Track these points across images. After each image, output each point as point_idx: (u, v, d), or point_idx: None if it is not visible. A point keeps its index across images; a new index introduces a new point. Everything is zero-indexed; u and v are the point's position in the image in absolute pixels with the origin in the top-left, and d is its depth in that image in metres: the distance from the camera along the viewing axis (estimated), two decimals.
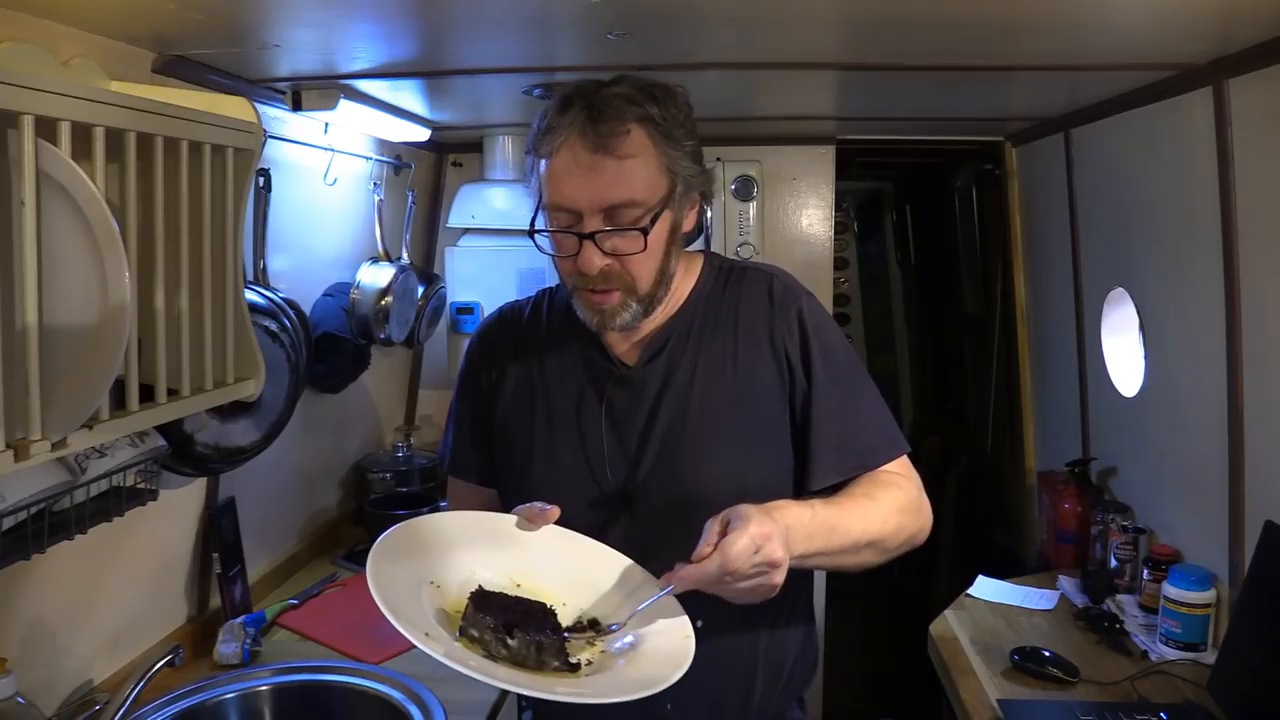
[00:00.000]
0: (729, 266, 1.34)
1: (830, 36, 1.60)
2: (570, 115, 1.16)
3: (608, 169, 1.15)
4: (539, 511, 1.17)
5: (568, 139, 1.15)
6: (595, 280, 1.18)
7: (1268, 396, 1.66)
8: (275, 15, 1.40)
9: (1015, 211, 2.91)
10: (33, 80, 0.99)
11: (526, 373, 1.32)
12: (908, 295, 4.44)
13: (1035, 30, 1.49)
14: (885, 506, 1.19)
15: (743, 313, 1.28)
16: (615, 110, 1.15)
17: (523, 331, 1.36)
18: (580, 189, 1.15)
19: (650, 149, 1.17)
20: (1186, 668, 1.74)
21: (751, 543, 1.01)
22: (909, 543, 1.22)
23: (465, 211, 2.80)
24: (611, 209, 1.15)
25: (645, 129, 1.17)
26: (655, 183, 1.18)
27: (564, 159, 1.16)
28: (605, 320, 1.21)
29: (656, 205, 1.18)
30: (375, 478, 2.63)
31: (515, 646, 1.02)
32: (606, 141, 1.14)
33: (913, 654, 2.06)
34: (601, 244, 1.16)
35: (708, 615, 1.21)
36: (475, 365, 1.38)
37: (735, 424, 1.24)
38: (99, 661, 1.59)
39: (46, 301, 1.03)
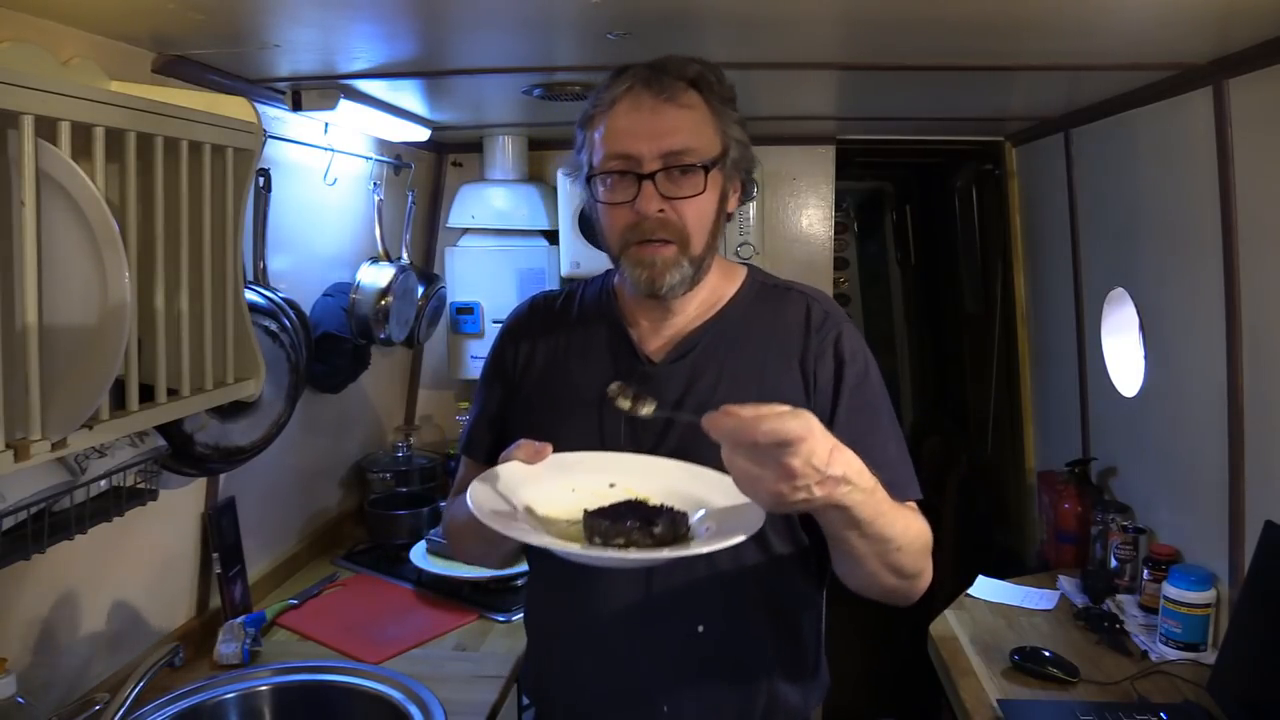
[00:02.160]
0: (771, 283, 1.33)
1: (830, 36, 1.60)
2: (629, 74, 1.19)
3: (669, 113, 1.17)
4: (535, 451, 1.14)
5: (630, 89, 1.18)
6: (650, 228, 1.18)
7: (1268, 396, 1.66)
8: (275, 15, 1.40)
9: (1015, 211, 2.91)
10: (33, 80, 0.99)
11: (552, 362, 1.32)
12: (908, 295, 4.44)
13: (1035, 30, 1.49)
14: (919, 523, 1.15)
15: (777, 331, 1.26)
16: (675, 66, 1.19)
17: (552, 321, 1.35)
18: (641, 134, 1.16)
19: (706, 108, 1.20)
20: (1186, 668, 1.74)
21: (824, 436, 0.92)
22: (913, 580, 1.15)
23: (465, 211, 2.80)
24: (671, 154, 1.16)
25: (701, 90, 1.20)
26: (711, 139, 1.20)
27: (625, 106, 1.18)
28: (655, 277, 1.19)
29: (713, 158, 1.19)
30: (375, 478, 2.63)
31: (660, 532, 1.05)
32: (667, 89, 1.17)
33: (913, 654, 2.06)
34: (660, 187, 1.17)
35: (708, 621, 1.22)
36: (503, 351, 1.38)
37: None
38: (99, 661, 1.59)
39: (46, 302, 1.03)
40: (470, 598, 2.11)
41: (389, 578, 2.26)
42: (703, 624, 1.22)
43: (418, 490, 2.61)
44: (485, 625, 2.00)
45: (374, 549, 2.42)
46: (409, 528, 2.38)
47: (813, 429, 0.90)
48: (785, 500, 0.93)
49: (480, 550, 1.35)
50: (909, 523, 1.11)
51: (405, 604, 2.12)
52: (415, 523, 2.38)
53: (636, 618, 1.22)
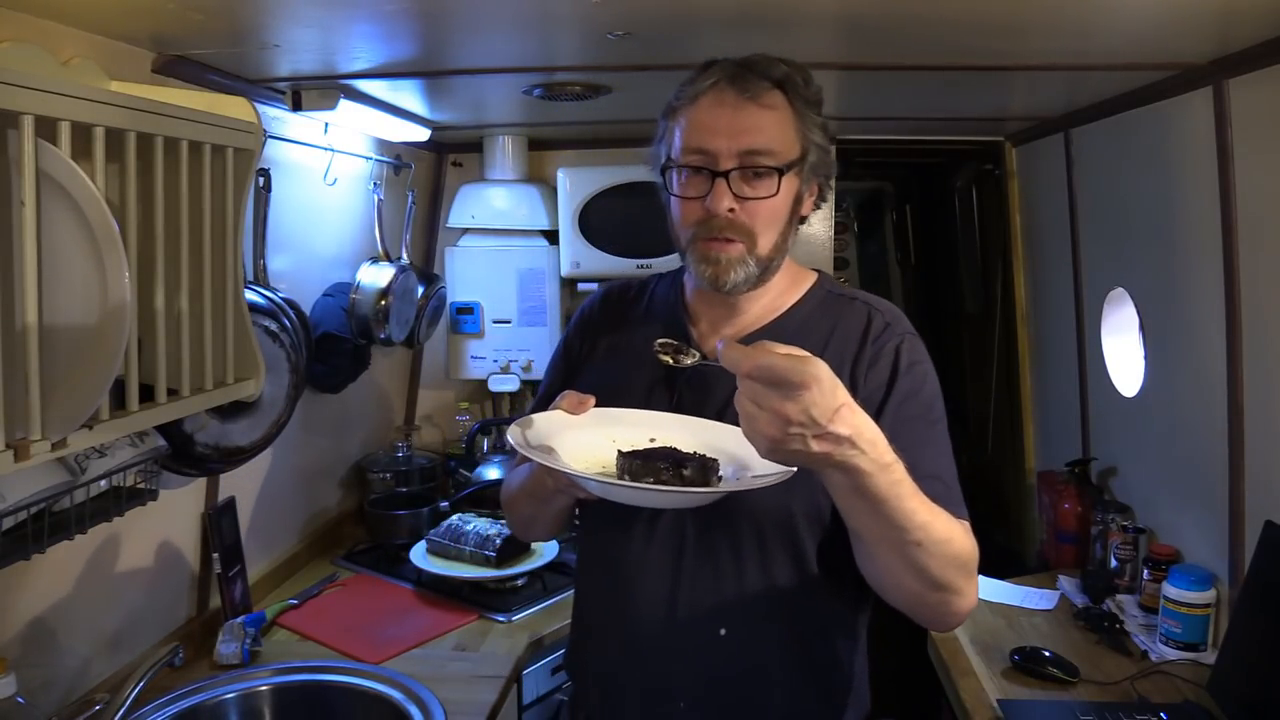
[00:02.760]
0: (838, 292, 1.32)
1: (830, 36, 1.60)
2: (716, 69, 1.19)
3: (750, 113, 1.17)
4: (579, 402, 1.18)
5: (715, 85, 1.18)
6: (719, 226, 1.18)
7: (1268, 397, 1.66)
8: (275, 15, 1.40)
9: (1015, 211, 2.91)
10: (33, 80, 0.99)
11: (613, 352, 1.34)
12: (908, 295, 4.43)
13: (1035, 30, 1.49)
14: (953, 527, 1.06)
15: (834, 339, 1.25)
16: (762, 65, 1.19)
17: (621, 314, 1.37)
18: (721, 130, 1.16)
19: (789, 109, 1.20)
20: (1186, 668, 1.74)
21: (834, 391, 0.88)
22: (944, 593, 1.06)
23: (465, 211, 2.80)
24: (748, 154, 1.16)
25: (787, 92, 1.19)
26: (791, 142, 1.19)
27: (708, 101, 1.18)
28: (720, 272, 1.18)
29: (791, 161, 1.19)
30: (375, 478, 2.63)
31: (690, 474, 1.07)
32: (752, 88, 1.17)
33: (913, 654, 2.06)
34: (734, 185, 1.17)
35: (731, 625, 1.22)
36: (571, 338, 1.41)
37: None
38: (99, 661, 1.59)
39: (46, 302, 1.03)
40: (470, 598, 2.11)
41: (389, 578, 2.26)
42: (725, 627, 1.22)
43: (418, 490, 2.61)
44: (485, 625, 2.00)
45: (374, 549, 2.42)
46: (409, 528, 2.38)
47: (819, 379, 0.87)
48: (779, 446, 0.90)
49: (530, 513, 1.36)
50: (941, 524, 1.03)
51: (405, 604, 2.12)
52: (415, 523, 2.38)
53: (662, 614, 1.23)
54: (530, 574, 2.17)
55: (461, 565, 2.16)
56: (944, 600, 1.07)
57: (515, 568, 2.16)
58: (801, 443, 0.89)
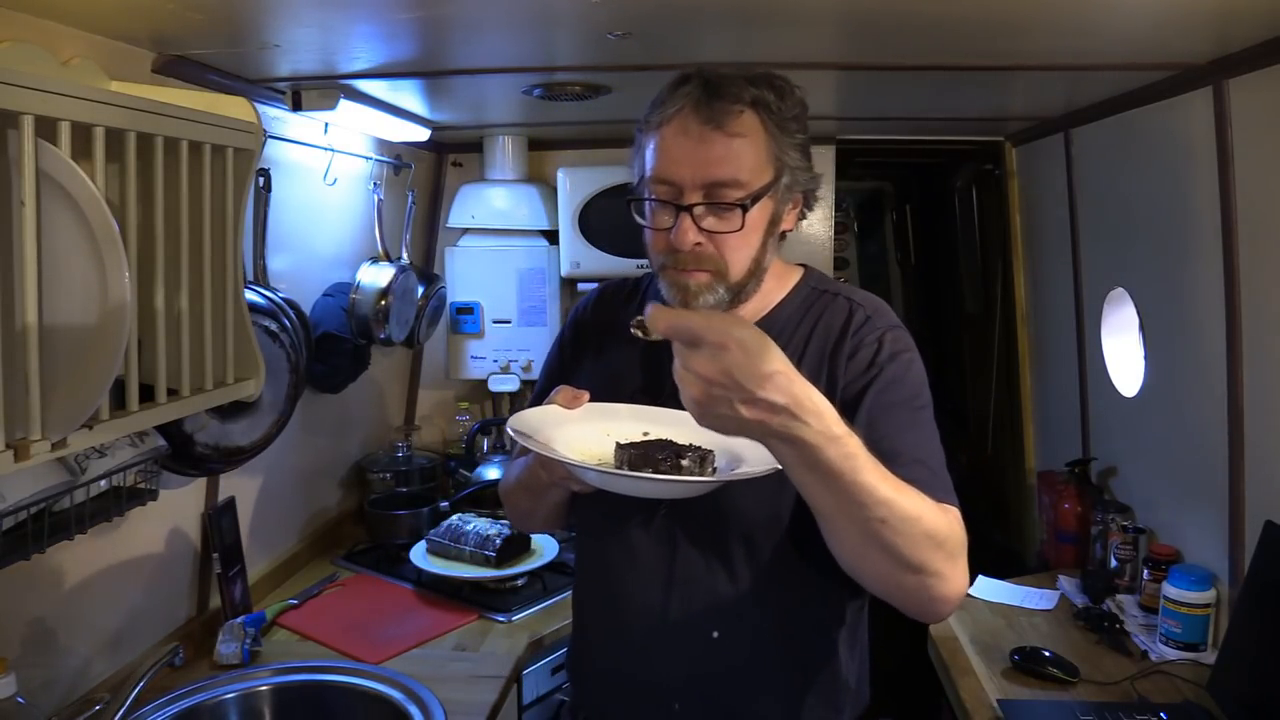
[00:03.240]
0: (823, 289, 1.31)
1: (830, 36, 1.60)
2: (686, 89, 1.15)
3: (716, 144, 1.13)
4: (573, 397, 1.18)
5: (681, 110, 1.14)
6: (686, 260, 1.16)
7: (1268, 397, 1.66)
8: (275, 15, 1.40)
9: (1015, 211, 2.91)
10: (33, 80, 0.99)
11: (604, 353, 1.34)
12: (908, 295, 4.43)
13: (1035, 30, 1.49)
14: (923, 504, 1.01)
15: (815, 337, 1.24)
16: (731, 88, 1.14)
17: (615, 312, 1.36)
18: (685, 161, 1.14)
19: (761, 133, 1.16)
20: (1186, 668, 1.74)
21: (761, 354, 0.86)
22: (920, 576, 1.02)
23: (465, 211, 2.80)
24: (713, 186, 1.14)
25: (758, 113, 1.16)
26: (761, 167, 1.16)
27: (673, 129, 1.15)
28: (689, 299, 1.17)
29: (759, 190, 1.16)
30: (375, 478, 2.63)
31: (688, 465, 1.07)
32: (718, 116, 1.13)
33: (913, 654, 2.06)
34: (698, 219, 1.15)
35: (724, 628, 1.22)
36: (565, 336, 1.42)
37: None
38: (99, 661, 1.59)
39: (46, 301, 1.03)
40: (470, 598, 2.11)
41: (389, 578, 2.26)
42: (717, 629, 1.22)
43: (418, 490, 2.61)
44: (485, 625, 2.00)
45: (374, 549, 2.42)
46: (409, 528, 2.38)
47: (741, 341, 0.85)
48: (707, 410, 0.89)
49: (526, 506, 1.37)
50: (908, 502, 0.99)
51: (405, 604, 2.12)
52: (415, 523, 2.38)
53: (655, 616, 1.24)
54: (530, 574, 2.17)
55: (461, 565, 2.16)
56: (922, 584, 1.02)
57: (515, 568, 2.16)
58: (729, 406, 0.87)
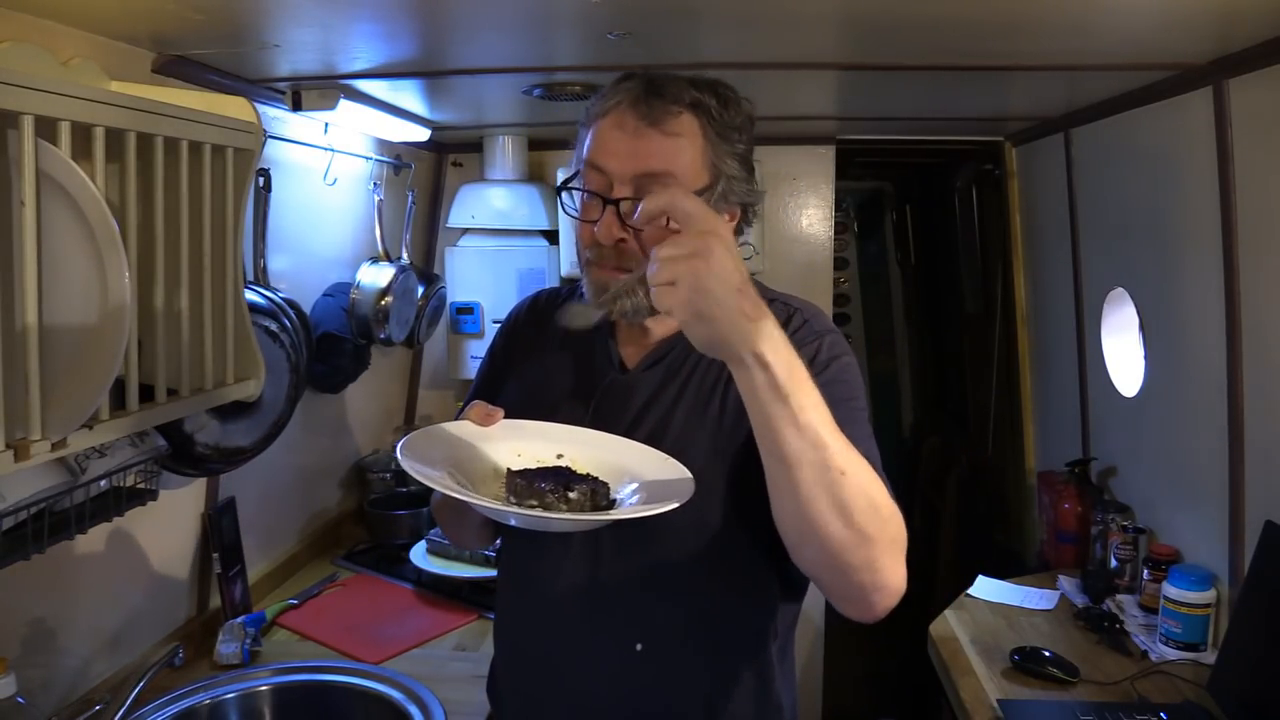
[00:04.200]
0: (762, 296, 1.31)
1: (830, 36, 1.60)
2: (628, 84, 1.15)
3: (650, 139, 1.13)
4: (486, 414, 1.16)
5: (620, 104, 1.14)
6: (607, 255, 1.16)
7: (1268, 397, 1.66)
8: (275, 15, 1.40)
9: (1015, 211, 2.91)
10: (33, 80, 0.99)
11: (537, 361, 1.32)
12: (908, 295, 4.43)
13: (1035, 30, 1.49)
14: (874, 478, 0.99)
15: None
16: (673, 88, 1.14)
17: (548, 319, 1.34)
18: (617, 152, 1.13)
19: (698, 136, 1.15)
20: (1186, 668, 1.74)
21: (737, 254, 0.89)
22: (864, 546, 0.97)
23: (465, 211, 2.80)
24: (643, 178, 1.12)
25: (698, 117, 1.14)
26: (695, 171, 1.15)
27: (610, 121, 1.14)
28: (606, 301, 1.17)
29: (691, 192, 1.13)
30: (375, 478, 2.63)
31: (575, 498, 1.05)
32: (656, 114, 1.12)
33: (913, 654, 2.06)
34: (624, 214, 1.13)
35: (648, 639, 1.18)
36: (496, 346, 1.39)
37: (710, 451, 1.16)
38: (99, 661, 1.59)
39: (46, 301, 1.03)
40: (470, 598, 2.11)
41: (389, 578, 2.26)
42: (641, 643, 1.19)
43: (418, 490, 2.60)
44: (485, 625, 2.00)
45: (374, 549, 2.42)
46: (409, 528, 2.38)
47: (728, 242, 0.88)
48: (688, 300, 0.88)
49: (453, 522, 1.36)
50: (863, 465, 0.97)
51: (405, 604, 2.12)
52: (415, 523, 2.38)
53: (578, 629, 1.20)
54: None
55: (461, 565, 2.16)
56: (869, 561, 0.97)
57: None
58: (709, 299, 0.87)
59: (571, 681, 1.22)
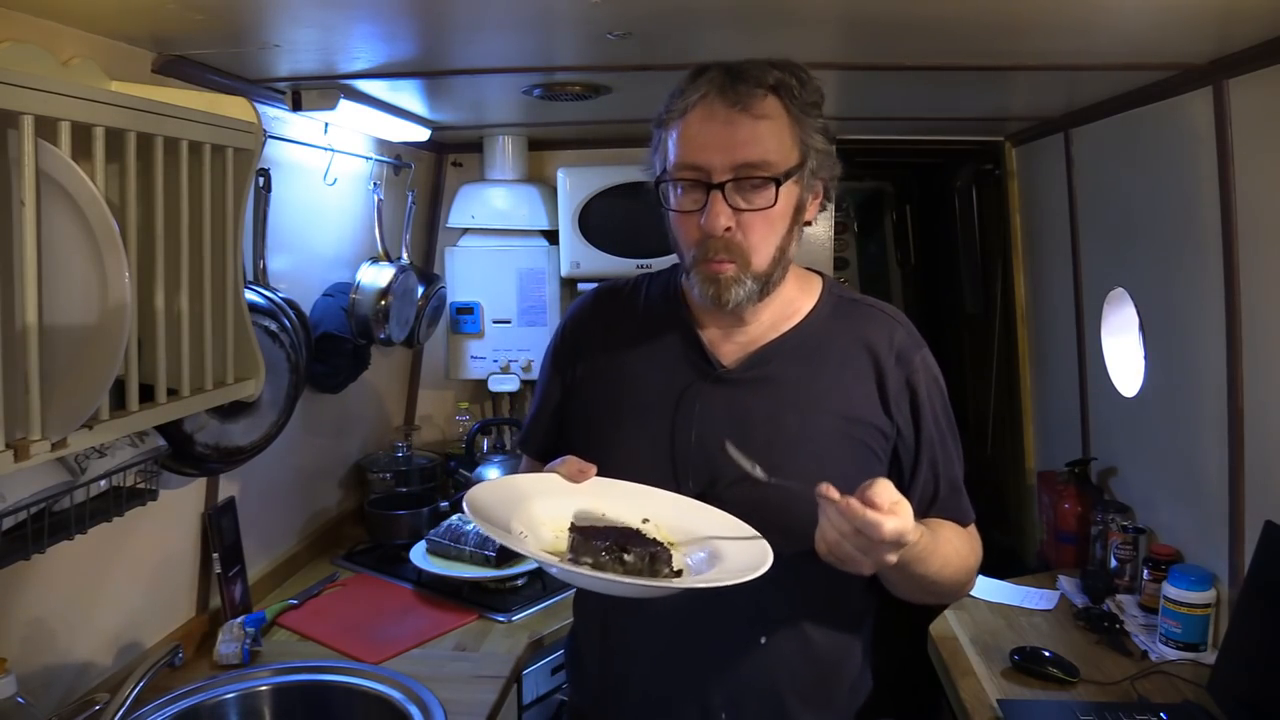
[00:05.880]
0: (850, 297, 1.31)
1: (830, 36, 1.60)
2: (706, 77, 1.15)
3: (744, 126, 1.13)
4: (579, 470, 1.16)
5: (705, 96, 1.14)
6: (715, 247, 1.15)
7: (1268, 397, 1.66)
8: (275, 15, 1.40)
9: (1015, 211, 2.91)
10: (33, 80, 0.99)
11: (615, 360, 1.28)
12: (908, 295, 4.43)
13: (1035, 30, 1.49)
14: (964, 557, 1.21)
15: (859, 350, 1.24)
16: (753, 71, 1.14)
17: (617, 316, 1.32)
18: (714, 145, 1.13)
19: (784, 116, 1.16)
20: (1186, 668, 1.74)
21: (899, 533, 0.98)
22: (951, 597, 1.28)
23: (465, 211, 2.80)
24: (742, 168, 1.13)
25: (781, 97, 1.15)
26: (788, 150, 1.16)
27: (699, 115, 1.14)
28: (721, 293, 1.16)
29: (788, 170, 1.15)
30: (375, 478, 2.63)
31: (631, 561, 1.05)
32: (743, 99, 1.13)
33: (913, 654, 2.06)
34: (730, 199, 1.13)
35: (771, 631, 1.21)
36: (563, 344, 1.35)
37: (831, 455, 1.19)
38: (99, 661, 1.59)
39: (46, 301, 1.03)
40: (470, 598, 2.11)
41: (389, 578, 2.26)
42: (765, 635, 1.21)
43: (418, 490, 2.61)
44: (485, 625, 2.00)
45: (374, 549, 2.42)
46: (409, 528, 2.38)
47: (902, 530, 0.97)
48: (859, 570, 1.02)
49: None
50: (946, 559, 1.16)
51: (405, 604, 2.12)
52: (415, 523, 2.38)
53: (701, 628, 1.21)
54: (530, 574, 2.17)
55: (461, 565, 2.16)
56: (952, 599, 1.30)
57: (515, 568, 2.16)
58: (865, 568, 1.01)
59: (696, 681, 1.22)
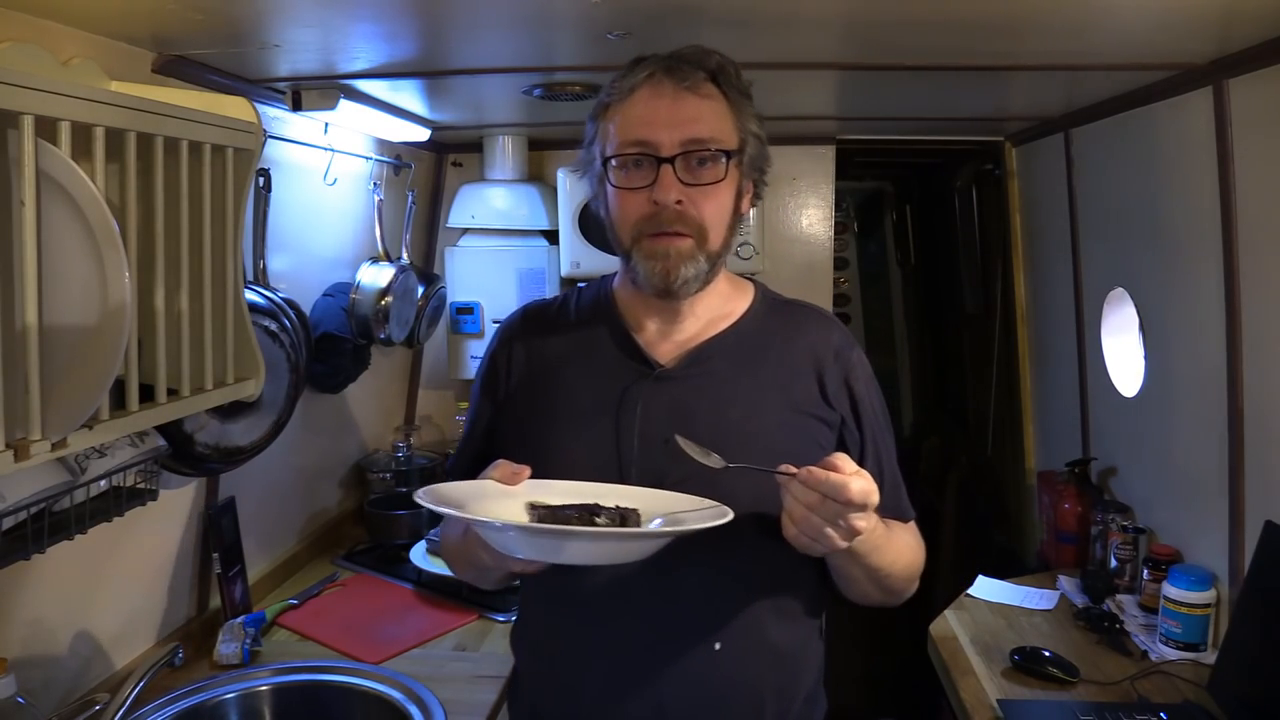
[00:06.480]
0: (783, 299, 1.31)
1: (830, 36, 1.60)
2: (648, 64, 1.17)
3: (690, 103, 1.14)
4: (512, 472, 1.12)
5: (651, 76, 1.15)
6: (667, 219, 1.13)
7: (1268, 397, 1.66)
8: (275, 15, 1.40)
9: (1015, 211, 2.91)
10: (33, 80, 0.99)
11: (548, 372, 1.26)
12: (908, 295, 4.44)
13: (1035, 30, 1.49)
14: (910, 558, 1.23)
15: (798, 348, 1.24)
16: (695, 56, 1.17)
17: (546, 330, 1.30)
18: (661, 121, 1.13)
19: (724, 100, 1.18)
20: (1186, 668, 1.74)
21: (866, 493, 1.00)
22: (901, 594, 1.25)
23: (465, 211, 2.80)
24: (692, 142, 1.13)
25: (720, 83, 1.17)
26: (730, 132, 1.17)
27: (646, 94, 1.15)
28: (670, 268, 1.14)
29: (731, 151, 1.17)
30: (375, 478, 2.63)
31: (603, 522, 1.05)
32: (689, 78, 1.15)
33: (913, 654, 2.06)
34: (680, 173, 1.13)
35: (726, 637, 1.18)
36: (492, 365, 1.31)
37: (778, 448, 1.16)
38: (99, 661, 1.59)
39: (46, 301, 1.03)
40: (470, 598, 2.11)
41: (389, 578, 2.26)
42: (720, 641, 1.18)
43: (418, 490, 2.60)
44: (485, 625, 2.00)
45: (374, 549, 2.42)
46: (409, 528, 2.38)
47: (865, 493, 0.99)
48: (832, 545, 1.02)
49: (473, 575, 1.31)
50: (899, 551, 1.19)
51: (405, 604, 2.12)
52: (415, 523, 2.38)
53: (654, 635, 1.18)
54: None
55: None
56: (901, 597, 1.25)
57: None
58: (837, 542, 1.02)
59: (651, 689, 1.18)
